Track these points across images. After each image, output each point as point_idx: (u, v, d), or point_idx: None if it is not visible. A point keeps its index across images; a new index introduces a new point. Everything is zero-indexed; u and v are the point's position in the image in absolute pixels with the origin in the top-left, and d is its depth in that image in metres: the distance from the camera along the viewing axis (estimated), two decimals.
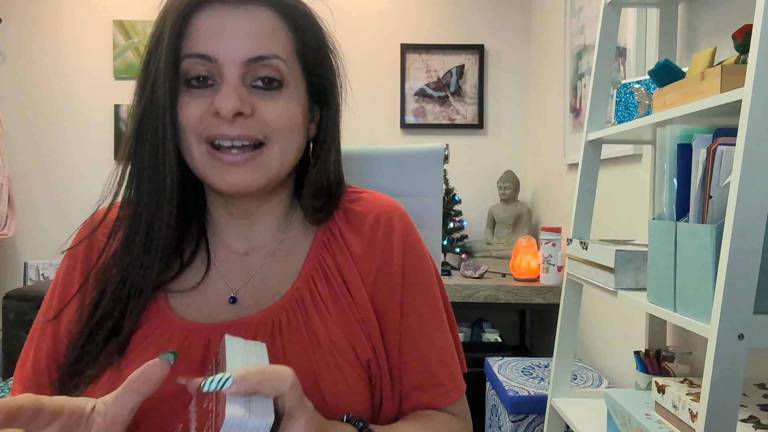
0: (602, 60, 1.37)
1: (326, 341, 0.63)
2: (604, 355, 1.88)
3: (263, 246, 0.70)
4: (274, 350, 0.62)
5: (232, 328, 0.63)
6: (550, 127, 2.53)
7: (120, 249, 0.64)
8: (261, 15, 0.61)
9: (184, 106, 0.61)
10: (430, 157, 0.97)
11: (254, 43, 0.60)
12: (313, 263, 0.68)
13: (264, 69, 0.61)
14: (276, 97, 0.62)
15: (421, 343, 0.68)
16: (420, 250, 0.72)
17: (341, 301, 0.66)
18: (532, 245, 2.30)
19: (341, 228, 0.70)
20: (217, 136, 0.60)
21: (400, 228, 0.70)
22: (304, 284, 0.66)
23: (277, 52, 0.62)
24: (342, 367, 0.62)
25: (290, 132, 0.64)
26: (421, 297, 0.70)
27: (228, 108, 0.58)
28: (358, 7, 2.86)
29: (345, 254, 0.69)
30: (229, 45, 0.59)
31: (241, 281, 0.68)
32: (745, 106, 0.73)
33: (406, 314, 0.68)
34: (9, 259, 2.88)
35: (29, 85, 2.88)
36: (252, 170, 0.62)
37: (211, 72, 0.61)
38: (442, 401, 0.67)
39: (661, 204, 0.95)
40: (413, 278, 0.69)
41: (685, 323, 0.85)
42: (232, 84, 0.60)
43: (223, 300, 0.66)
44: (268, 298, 0.66)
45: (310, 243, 0.70)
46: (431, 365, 0.67)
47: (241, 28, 0.60)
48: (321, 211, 0.70)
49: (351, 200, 0.73)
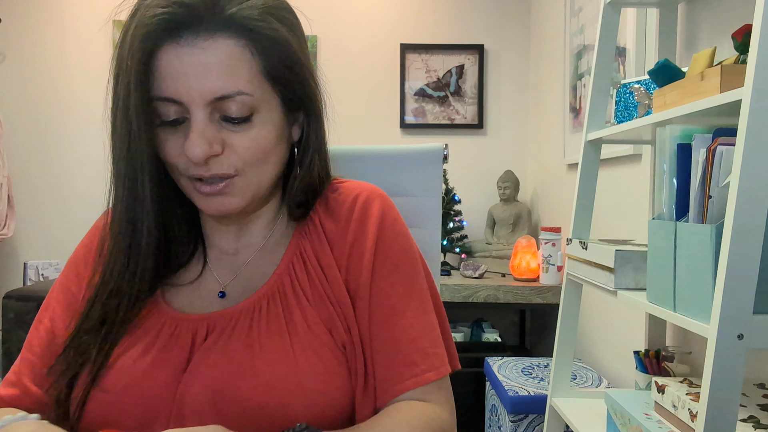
0: (602, 60, 1.37)
1: (303, 326, 0.65)
2: (604, 355, 1.88)
3: (251, 245, 0.73)
4: (251, 338, 0.64)
5: (219, 318, 0.66)
6: (549, 127, 2.53)
7: (110, 264, 0.67)
8: (220, 49, 0.59)
9: (162, 144, 0.63)
10: (429, 157, 0.97)
11: (217, 81, 0.59)
12: (293, 251, 0.71)
13: (229, 105, 0.61)
14: (246, 128, 0.62)
15: (392, 322, 0.67)
16: (398, 230, 0.72)
17: (317, 286, 0.68)
18: (531, 245, 2.30)
19: (321, 217, 0.73)
20: (194, 175, 0.63)
21: (377, 209, 0.71)
22: (284, 272, 0.69)
23: (241, 87, 0.60)
24: (318, 350, 0.63)
25: (263, 160, 0.65)
26: (394, 277, 0.69)
27: (198, 155, 0.60)
28: (358, 7, 2.86)
29: (322, 239, 0.71)
30: (192, 86, 0.59)
31: (230, 277, 0.71)
32: (745, 106, 0.73)
33: (375, 294, 0.68)
34: (9, 259, 2.88)
35: (29, 85, 2.88)
36: (230, 198, 0.65)
37: (180, 112, 0.61)
38: (412, 383, 0.64)
39: (661, 204, 0.95)
40: (386, 258, 0.69)
41: (685, 323, 0.85)
42: (199, 127, 0.60)
43: (212, 295, 0.70)
44: (252, 290, 0.69)
45: (292, 234, 0.73)
46: (402, 345, 0.66)
47: (201, 68, 0.58)
48: (301, 208, 0.73)
49: (333, 190, 0.75)
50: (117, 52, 0.61)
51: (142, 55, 0.58)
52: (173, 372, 0.63)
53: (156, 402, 0.61)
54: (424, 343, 0.67)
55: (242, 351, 0.63)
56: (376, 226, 0.70)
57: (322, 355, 0.64)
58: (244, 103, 0.61)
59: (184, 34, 0.58)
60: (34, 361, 0.68)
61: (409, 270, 0.70)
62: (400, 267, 0.70)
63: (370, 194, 0.72)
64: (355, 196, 0.72)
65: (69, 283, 0.72)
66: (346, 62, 2.86)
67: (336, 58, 2.84)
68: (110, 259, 0.66)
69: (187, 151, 0.60)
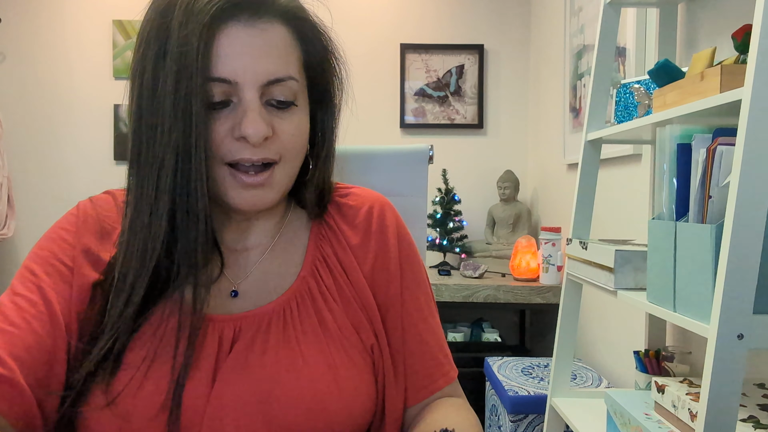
0: (602, 60, 1.37)
1: (334, 327, 0.66)
2: (604, 354, 1.88)
3: (261, 243, 0.72)
4: (288, 339, 0.64)
5: (245, 319, 0.64)
6: (549, 127, 2.53)
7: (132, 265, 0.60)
8: (275, 33, 0.61)
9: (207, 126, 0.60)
10: (415, 158, 1.00)
11: (272, 64, 0.60)
12: (315, 254, 0.71)
13: (280, 90, 0.62)
14: (289, 115, 0.63)
15: (421, 328, 0.71)
16: (411, 242, 0.76)
17: (344, 290, 0.69)
18: (531, 245, 2.30)
19: (336, 221, 0.73)
20: (241, 160, 0.61)
21: (392, 220, 0.74)
22: (309, 274, 0.69)
23: (292, 72, 0.62)
24: (349, 351, 0.65)
25: (301, 149, 0.66)
26: (418, 287, 0.74)
27: (258, 135, 0.59)
28: (358, 7, 2.86)
29: (342, 245, 0.72)
30: (248, 67, 0.59)
31: (241, 276, 0.69)
32: (745, 106, 0.73)
33: (406, 303, 0.72)
34: (9, 259, 2.88)
35: (29, 85, 2.88)
36: (267, 190, 0.64)
37: (228, 94, 0.60)
38: (444, 381, 0.71)
39: (661, 204, 0.95)
40: (409, 268, 0.73)
41: (685, 323, 0.85)
42: (256, 108, 0.60)
43: (225, 293, 0.68)
44: (271, 291, 0.68)
45: (308, 236, 0.73)
46: (431, 348, 0.71)
47: (259, 49, 0.59)
48: (319, 206, 0.73)
49: (342, 195, 0.76)
50: (156, 34, 0.58)
51: (208, 33, 0.57)
52: (203, 379, 0.59)
53: (184, 415, 0.57)
54: (443, 345, 0.74)
55: (284, 353, 0.62)
56: (396, 238, 0.73)
57: (352, 355, 0.65)
58: (291, 89, 0.62)
59: (245, 15, 0.59)
60: (11, 332, 0.58)
61: (424, 278, 0.76)
62: (418, 276, 0.74)
63: (382, 205, 0.75)
64: (369, 206, 0.74)
65: (52, 259, 0.64)
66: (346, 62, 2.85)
67: None
68: (153, 245, 0.59)
69: (247, 129, 0.59)
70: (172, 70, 0.56)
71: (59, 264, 0.64)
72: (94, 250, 0.65)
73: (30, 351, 0.57)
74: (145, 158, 0.59)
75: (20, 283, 0.62)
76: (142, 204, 0.59)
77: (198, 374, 0.59)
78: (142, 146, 0.59)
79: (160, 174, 0.58)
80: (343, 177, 0.81)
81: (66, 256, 0.64)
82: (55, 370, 0.59)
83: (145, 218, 0.59)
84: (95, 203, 0.70)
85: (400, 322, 0.70)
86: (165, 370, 0.58)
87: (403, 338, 0.70)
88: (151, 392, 0.57)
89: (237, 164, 0.61)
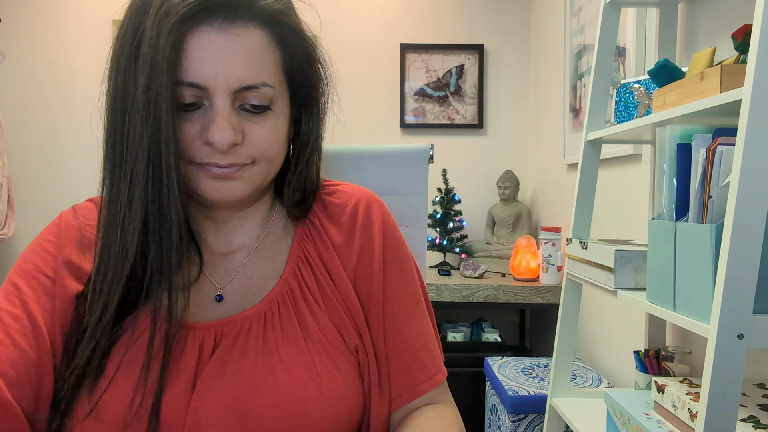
0: (602, 60, 1.37)
1: (316, 331, 0.64)
2: (604, 354, 1.88)
3: (245, 245, 0.71)
4: (268, 343, 0.62)
5: (227, 325, 0.63)
6: (549, 127, 2.53)
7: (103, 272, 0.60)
8: (251, 37, 0.59)
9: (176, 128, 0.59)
10: (415, 157, 0.99)
11: (244, 70, 0.58)
12: (298, 255, 0.69)
13: (254, 95, 0.60)
14: (264, 120, 0.62)
15: (405, 328, 0.69)
16: (398, 237, 0.74)
17: (327, 291, 0.67)
18: (531, 245, 2.30)
19: (321, 220, 0.72)
20: (208, 164, 0.60)
21: (378, 216, 0.72)
22: (291, 276, 0.68)
23: (266, 79, 0.60)
24: (332, 355, 0.64)
25: (278, 152, 0.65)
26: (402, 284, 0.71)
27: (223, 142, 0.58)
28: (358, 7, 2.86)
29: (327, 244, 0.70)
30: (219, 73, 0.57)
31: (225, 280, 0.68)
32: (745, 106, 0.73)
33: (388, 300, 0.69)
34: (9, 259, 2.88)
35: (29, 85, 2.88)
36: (239, 182, 0.62)
37: (199, 97, 0.59)
38: (429, 385, 0.68)
39: (661, 204, 0.95)
40: (393, 265, 0.71)
41: (685, 323, 0.85)
42: (224, 113, 0.58)
43: (209, 298, 0.67)
44: (254, 294, 0.67)
45: (292, 236, 0.71)
46: (415, 349, 0.69)
47: (231, 55, 0.58)
48: (300, 207, 0.71)
49: (328, 193, 0.74)
50: (131, 34, 0.57)
51: (175, 36, 0.56)
52: (183, 388, 0.59)
53: (163, 424, 0.57)
54: (430, 347, 0.71)
55: (262, 358, 0.61)
56: (381, 235, 0.71)
57: (336, 359, 0.64)
58: (266, 95, 0.61)
59: (218, 19, 0.58)
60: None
61: (411, 276, 0.73)
62: (404, 274, 0.72)
63: (368, 200, 0.73)
64: (355, 203, 0.72)
65: (35, 272, 0.64)
66: (346, 62, 2.85)
67: (336, 58, 2.83)
68: (128, 251, 0.59)
69: (213, 136, 0.58)
70: (142, 72, 0.56)
71: (42, 276, 0.63)
72: (75, 261, 0.65)
73: (16, 366, 0.56)
74: (119, 159, 0.59)
75: (4, 298, 0.61)
76: (116, 208, 0.59)
77: (177, 383, 0.59)
78: (116, 147, 0.60)
79: (132, 178, 0.58)
80: (342, 177, 0.81)
81: (48, 267, 0.64)
82: (42, 385, 0.58)
83: (119, 222, 0.59)
84: (78, 213, 0.69)
85: (382, 321, 0.68)
86: (144, 379, 0.58)
87: (385, 338, 0.68)
88: (130, 401, 0.57)
89: (205, 165, 0.61)
